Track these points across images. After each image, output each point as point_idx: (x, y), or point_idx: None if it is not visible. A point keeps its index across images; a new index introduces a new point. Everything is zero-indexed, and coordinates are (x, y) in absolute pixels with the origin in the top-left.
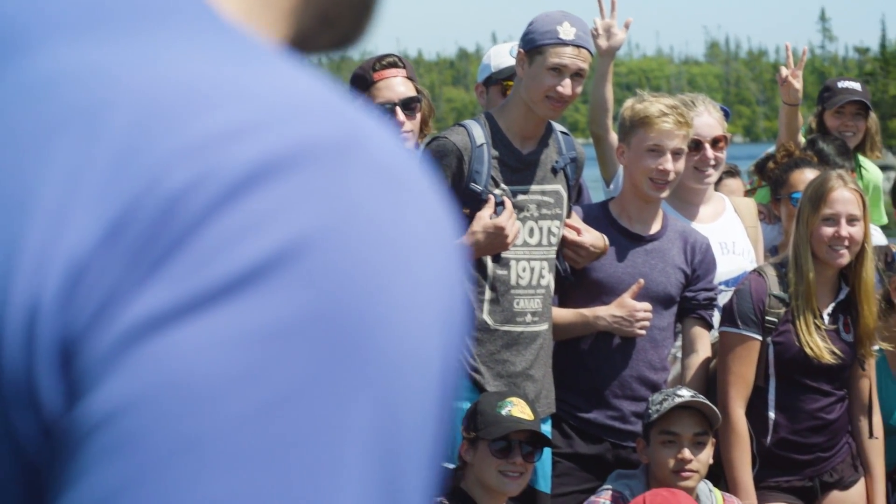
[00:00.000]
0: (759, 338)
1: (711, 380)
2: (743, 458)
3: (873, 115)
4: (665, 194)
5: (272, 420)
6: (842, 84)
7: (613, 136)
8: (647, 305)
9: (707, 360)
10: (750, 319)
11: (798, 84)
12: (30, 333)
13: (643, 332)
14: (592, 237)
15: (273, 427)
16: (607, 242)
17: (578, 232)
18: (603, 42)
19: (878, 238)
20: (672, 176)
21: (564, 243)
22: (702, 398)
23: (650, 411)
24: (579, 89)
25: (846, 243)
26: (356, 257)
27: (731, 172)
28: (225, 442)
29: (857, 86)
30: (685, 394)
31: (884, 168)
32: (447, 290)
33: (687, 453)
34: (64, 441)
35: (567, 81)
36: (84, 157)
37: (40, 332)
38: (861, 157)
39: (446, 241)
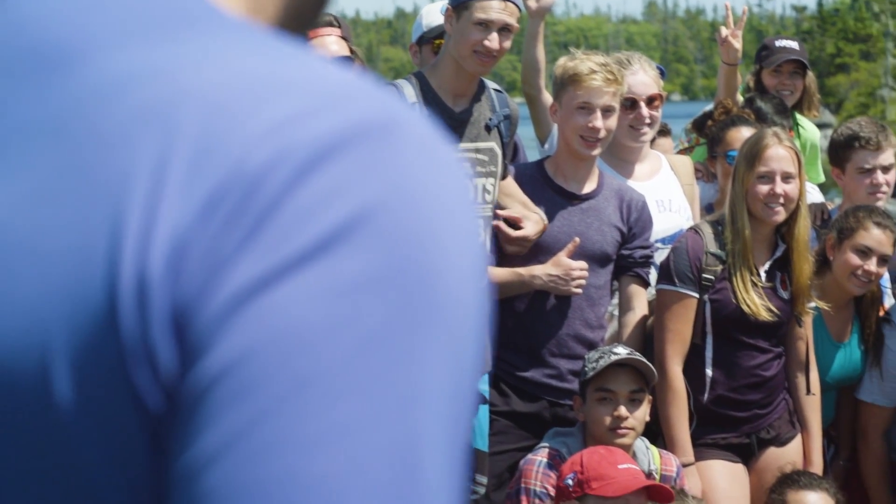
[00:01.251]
0: (696, 295)
1: (648, 337)
2: (680, 416)
3: (811, 74)
4: (597, 152)
5: (368, 355)
6: (779, 43)
7: (546, 96)
8: (582, 264)
9: (644, 318)
10: (687, 277)
11: (738, 44)
12: (142, 304)
13: (579, 290)
14: (533, 225)
15: (369, 361)
16: (545, 219)
17: (519, 221)
18: (532, 3)
19: (814, 196)
20: (603, 133)
21: (507, 239)
22: (638, 356)
23: (586, 369)
24: (507, 44)
25: (781, 201)
26: (413, 217)
27: (663, 131)
28: (331, 377)
29: (794, 44)
30: (621, 351)
31: (821, 126)
32: (476, 238)
33: (623, 410)
34: (184, 397)
35: (494, 35)
36: (168, 147)
37: (152, 302)
38: (799, 116)
39: (468, 197)
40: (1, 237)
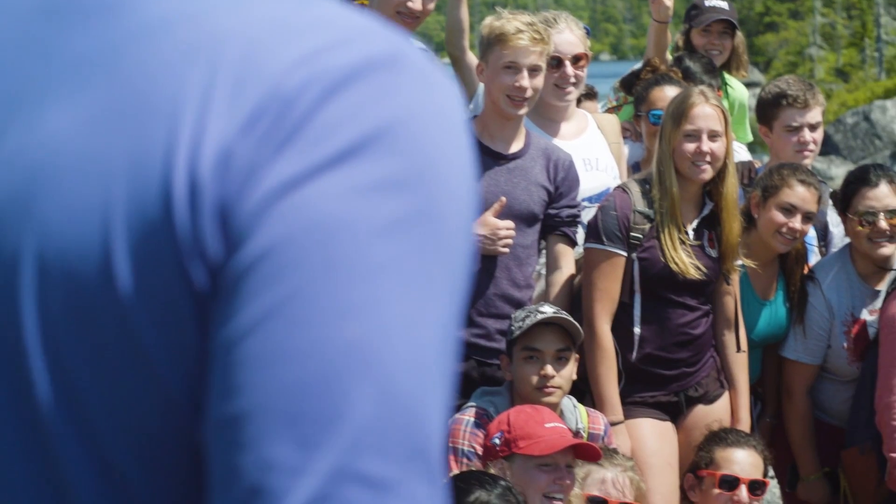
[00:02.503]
0: (624, 254)
1: (576, 297)
2: (609, 374)
3: (740, 34)
4: (523, 111)
5: (385, 242)
6: (709, 2)
7: (471, 57)
8: (509, 223)
9: (571, 277)
10: (615, 235)
11: (669, 2)
12: (193, 201)
13: (506, 250)
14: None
15: (387, 247)
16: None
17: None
18: None
19: (742, 155)
20: (529, 93)
21: None
22: (564, 314)
23: (513, 328)
24: (431, 6)
25: (708, 159)
26: (423, 133)
27: (589, 94)
28: (355, 260)
29: (723, 4)
30: (547, 310)
31: (750, 85)
32: (468, 152)
33: (549, 369)
34: (227, 279)
35: None
36: (213, 75)
37: (202, 199)
38: (727, 76)
39: (462, 117)
40: (68, 151)
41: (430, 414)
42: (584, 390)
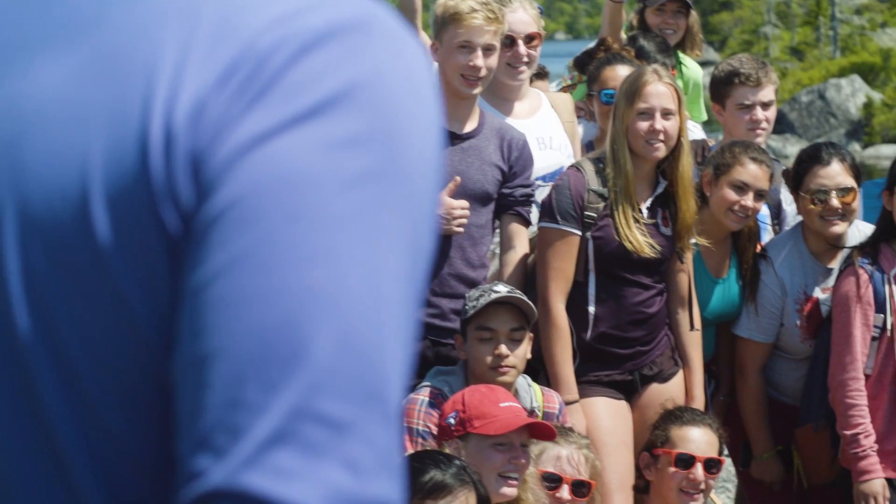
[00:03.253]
0: (578, 232)
1: (530, 276)
2: (563, 353)
3: (694, 14)
4: (478, 91)
5: (350, 196)
6: None
7: (423, 36)
8: (463, 203)
9: (525, 256)
10: (569, 214)
11: None
12: (168, 150)
13: (461, 229)
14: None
15: (349, 201)
16: None
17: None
18: None
19: (697, 134)
20: (484, 72)
21: None
22: (518, 293)
23: (467, 308)
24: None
25: (661, 137)
26: (390, 93)
27: (540, 74)
28: (318, 212)
29: None
30: (501, 289)
31: (705, 64)
32: (436, 114)
33: (503, 349)
34: (198, 225)
35: None
36: (190, 33)
37: (176, 148)
38: (681, 55)
39: (429, 79)
40: (52, 103)
41: (389, 359)
42: (539, 369)
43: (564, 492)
